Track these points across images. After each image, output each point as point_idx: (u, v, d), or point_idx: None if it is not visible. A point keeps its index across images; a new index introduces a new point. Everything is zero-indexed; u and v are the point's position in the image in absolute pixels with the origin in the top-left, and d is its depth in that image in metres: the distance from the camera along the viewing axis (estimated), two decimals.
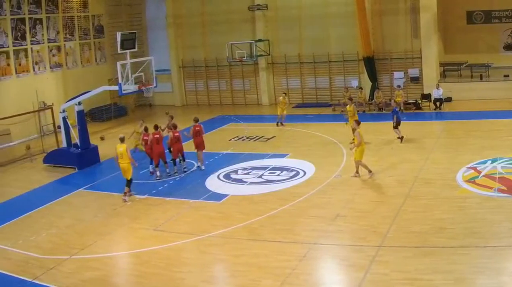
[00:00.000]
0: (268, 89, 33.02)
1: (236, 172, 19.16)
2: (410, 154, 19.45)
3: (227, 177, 18.65)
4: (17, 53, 27.78)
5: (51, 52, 30.00)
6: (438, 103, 26.92)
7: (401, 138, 21.05)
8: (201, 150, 19.68)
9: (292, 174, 18.33)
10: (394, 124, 21.22)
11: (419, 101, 27.73)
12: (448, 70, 30.62)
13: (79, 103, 21.64)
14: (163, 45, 34.62)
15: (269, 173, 18.74)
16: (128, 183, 17.00)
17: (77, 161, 21.30)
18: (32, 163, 22.89)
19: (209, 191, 17.32)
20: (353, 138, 18.32)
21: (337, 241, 12.91)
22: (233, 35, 31.77)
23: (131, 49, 20.79)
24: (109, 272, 12.45)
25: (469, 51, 30.09)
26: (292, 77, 32.63)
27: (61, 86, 30.08)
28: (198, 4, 33.73)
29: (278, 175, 18.42)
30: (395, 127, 21.23)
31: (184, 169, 19.63)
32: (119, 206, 16.59)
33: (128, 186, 17.02)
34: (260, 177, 18.38)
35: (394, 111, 21.40)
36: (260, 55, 31.58)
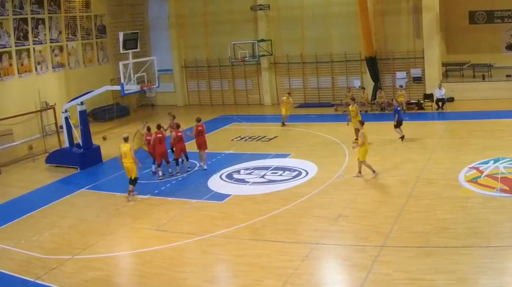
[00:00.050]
0: (271, 89, 33.01)
1: (239, 172, 19.16)
2: (413, 153, 19.43)
3: (230, 177, 18.64)
4: (20, 53, 27.78)
5: (54, 52, 30.01)
6: (440, 103, 26.89)
7: (402, 138, 21.02)
8: (204, 149, 19.69)
9: (295, 174, 18.32)
10: (395, 123, 21.19)
11: (421, 101, 27.69)
12: (450, 70, 30.57)
13: (82, 103, 21.61)
14: (166, 45, 34.63)
15: (272, 173, 18.73)
16: (133, 181, 16.98)
17: (80, 161, 21.30)
18: (35, 163, 22.87)
19: (212, 191, 17.32)
20: (356, 138, 18.29)
21: (339, 241, 12.91)
22: (236, 35, 31.76)
23: (134, 49, 20.77)
24: (111, 272, 12.46)
25: (471, 51, 30.05)
26: (295, 77, 32.61)
27: (64, 86, 30.08)
28: (201, 4, 33.72)
29: (281, 175, 18.41)
30: (396, 127, 21.18)
31: (188, 168, 19.64)
32: (122, 206, 16.60)
33: (133, 184, 17.01)
34: (263, 177, 18.37)
35: (396, 110, 21.32)
36: (263, 55, 31.57)
